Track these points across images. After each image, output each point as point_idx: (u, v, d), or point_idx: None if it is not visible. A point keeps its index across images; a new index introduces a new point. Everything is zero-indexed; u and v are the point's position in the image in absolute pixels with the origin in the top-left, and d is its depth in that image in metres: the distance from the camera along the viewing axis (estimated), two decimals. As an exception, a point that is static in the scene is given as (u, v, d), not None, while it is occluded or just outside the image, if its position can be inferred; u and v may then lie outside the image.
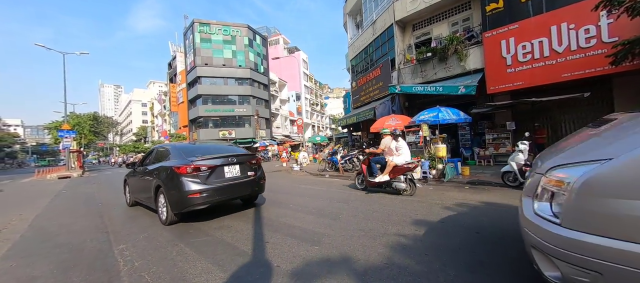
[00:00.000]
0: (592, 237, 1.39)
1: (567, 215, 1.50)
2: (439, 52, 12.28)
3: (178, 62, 43.47)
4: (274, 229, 3.84)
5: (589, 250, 1.39)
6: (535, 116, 11.11)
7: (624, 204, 1.34)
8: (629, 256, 1.29)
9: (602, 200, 1.40)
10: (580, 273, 1.44)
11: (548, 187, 1.66)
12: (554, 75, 9.40)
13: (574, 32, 9.01)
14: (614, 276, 1.33)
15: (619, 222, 1.35)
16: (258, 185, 5.20)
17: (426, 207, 4.57)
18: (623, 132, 1.69)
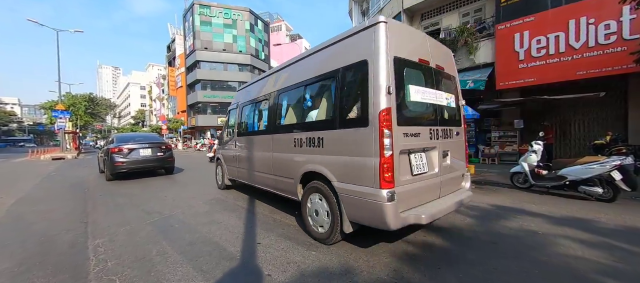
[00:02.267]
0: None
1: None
2: (448, 43, 11.72)
3: (177, 45, 42.43)
4: (267, 228, 3.50)
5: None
6: (545, 115, 10.70)
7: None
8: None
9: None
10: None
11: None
12: (569, 73, 8.94)
13: (593, 27, 8.50)
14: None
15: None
16: (165, 161, 8.72)
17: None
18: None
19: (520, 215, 3.87)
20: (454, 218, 3.73)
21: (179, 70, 41.29)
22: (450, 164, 3.20)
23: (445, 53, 3.51)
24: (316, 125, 3.24)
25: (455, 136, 3.40)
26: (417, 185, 2.72)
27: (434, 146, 2.99)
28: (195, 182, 7.38)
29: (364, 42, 2.69)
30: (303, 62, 3.71)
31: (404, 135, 2.62)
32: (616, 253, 2.53)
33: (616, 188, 4.50)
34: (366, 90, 2.58)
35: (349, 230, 2.81)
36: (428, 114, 3.00)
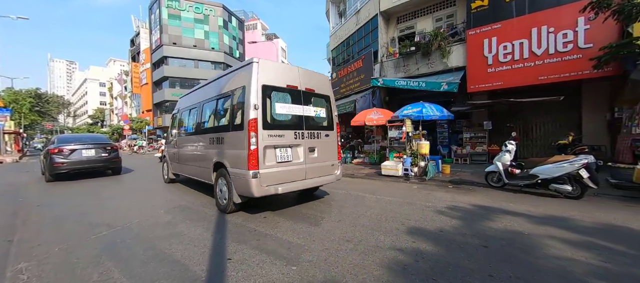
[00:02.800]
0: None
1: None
2: (423, 47, 12.02)
3: (142, 39, 39.43)
4: (240, 239, 3.07)
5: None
6: (510, 117, 11.37)
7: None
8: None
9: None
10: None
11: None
12: (532, 78, 9.52)
13: (552, 36, 9.12)
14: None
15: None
16: (111, 162, 8.75)
17: (418, 211, 4.08)
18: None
19: (501, 215, 3.85)
20: (440, 222, 3.59)
21: (144, 66, 38.35)
22: (317, 157, 4.49)
23: (319, 79, 4.90)
24: (221, 129, 4.49)
25: (324, 137, 4.69)
26: (281, 169, 3.98)
27: (300, 144, 4.27)
28: (156, 186, 6.61)
29: (245, 74, 4.03)
30: (216, 82, 5.02)
31: (269, 136, 3.87)
32: (602, 253, 2.51)
33: (583, 185, 4.72)
34: (244, 106, 3.86)
35: (238, 201, 3.98)
36: (294, 121, 4.26)
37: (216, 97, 4.75)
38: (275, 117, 4.03)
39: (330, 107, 4.94)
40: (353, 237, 3.05)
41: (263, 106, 3.82)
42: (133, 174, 9.62)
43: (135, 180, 8.19)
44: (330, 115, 4.93)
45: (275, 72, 4.15)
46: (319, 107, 4.69)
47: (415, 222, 3.55)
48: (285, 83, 4.21)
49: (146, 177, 8.65)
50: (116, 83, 59.14)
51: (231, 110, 4.20)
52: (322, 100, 4.81)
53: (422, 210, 4.11)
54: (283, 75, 4.24)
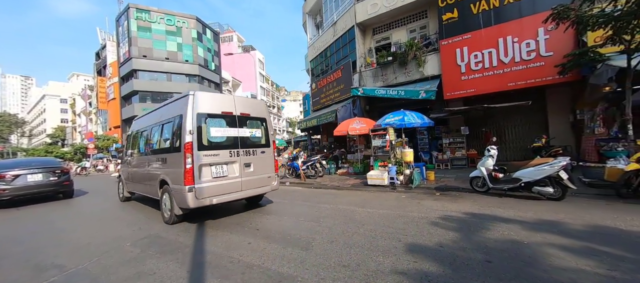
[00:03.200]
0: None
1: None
2: (399, 56, 12.34)
3: (109, 52, 37.18)
4: (221, 274, 2.67)
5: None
6: (484, 122, 11.89)
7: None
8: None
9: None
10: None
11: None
12: (501, 84, 10.03)
13: (517, 45, 9.73)
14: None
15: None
16: (61, 186, 8.28)
17: (412, 224, 3.91)
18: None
19: (495, 223, 3.79)
20: (438, 235, 3.43)
21: (111, 81, 36.01)
22: (253, 171, 5.13)
23: (254, 104, 5.72)
24: (164, 150, 5.12)
25: (260, 154, 5.35)
26: (216, 183, 4.56)
27: (235, 161, 4.89)
28: (119, 212, 5.91)
29: (182, 104, 4.67)
30: (162, 109, 5.64)
31: (205, 155, 4.48)
32: (605, 260, 2.47)
33: (564, 187, 4.86)
34: (181, 131, 4.49)
35: (179, 212, 4.57)
36: (229, 142, 4.88)
37: (161, 122, 5.40)
38: (211, 139, 4.68)
39: (266, 128, 5.66)
40: (349, 260, 2.78)
41: (198, 131, 4.49)
42: (88, 197, 9.01)
43: (92, 203, 7.34)
44: (267, 135, 5.64)
45: (211, 101, 4.88)
46: (254, 128, 5.45)
47: (413, 237, 3.36)
48: (220, 110, 4.92)
49: (106, 200, 8.04)
50: (80, 99, 54.91)
51: (172, 135, 4.88)
52: (258, 122, 5.58)
53: (417, 223, 3.94)
54: (219, 103, 4.97)
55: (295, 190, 8.24)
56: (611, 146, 7.10)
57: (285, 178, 10.91)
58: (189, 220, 4.83)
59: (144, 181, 5.89)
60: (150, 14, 31.70)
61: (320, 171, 10.75)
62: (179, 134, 4.55)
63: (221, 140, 4.79)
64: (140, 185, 6.19)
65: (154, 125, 5.70)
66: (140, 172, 6.15)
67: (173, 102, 5.14)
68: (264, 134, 5.57)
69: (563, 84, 9.44)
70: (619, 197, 4.88)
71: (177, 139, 4.60)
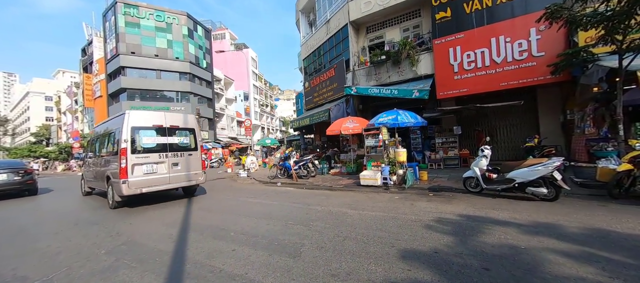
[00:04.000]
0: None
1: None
2: (393, 55, 12.25)
3: (95, 48, 36.00)
4: (200, 286, 2.45)
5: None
6: (477, 122, 11.91)
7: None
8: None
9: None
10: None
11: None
12: (494, 84, 10.03)
13: (510, 45, 9.74)
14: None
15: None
16: (25, 184, 9.47)
17: (406, 228, 3.76)
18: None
19: (490, 225, 3.67)
20: (432, 240, 3.28)
21: (97, 78, 34.88)
22: (181, 169, 6.73)
23: (183, 118, 7.27)
24: (110, 154, 6.68)
25: (188, 156, 6.95)
26: (146, 178, 6.14)
27: (164, 161, 6.47)
28: (98, 212, 5.59)
29: (121, 119, 6.20)
30: (109, 122, 7.58)
31: (137, 157, 6.04)
32: (606, 267, 2.36)
33: (557, 187, 4.80)
34: (119, 140, 6.01)
35: (118, 199, 6.07)
36: (159, 147, 6.43)
37: (108, 132, 7.10)
38: (143, 146, 6.26)
39: (195, 136, 7.33)
40: (340, 269, 2.60)
41: (132, 139, 6.08)
42: (53, 195, 10.16)
43: (58, 202, 7.00)
44: (195, 141, 7.32)
45: (143, 117, 6.49)
46: (183, 137, 7.05)
47: (406, 242, 3.21)
48: (152, 123, 6.49)
49: (72, 196, 9.18)
50: (65, 96, 53.18)
51: (114, 142, 6.48)
52: (187, 131, 7.20)
53: (410, 226, 3.80)
54: (151, 118, 6.57)
55: (286, 190, 8.02)
56: (601, 146, 7.13)
57: (276, 179, 10.68)
58: (168, 227, 4.56)
59: (98, 177, 7.42)
60: (139, 9, 30.82)
61: (313, 171, 10.57)
62: (118, 141, 6.14)
63: (152, 146, 6.40)
64: (95, 181, 7.82)
65: (103, 134, 7.49)
66: (95, 171, 7.79)
67: (116, 118, 6.90)
68: (193, 141, 7.26)
69: (554, 84, 9.51)
70: (610, 197, 4.85)
71: (116, 145, 6.22)
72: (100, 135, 7.77)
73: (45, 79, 78.07)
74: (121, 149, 5.86)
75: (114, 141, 6.40)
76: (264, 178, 11.01)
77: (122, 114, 6.40)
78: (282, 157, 11.49)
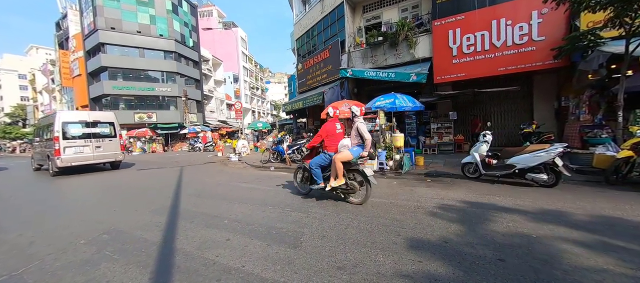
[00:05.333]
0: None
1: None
2: (390, 37, 11.82)
3: (71, 22, 33.48)
4: (192, 282, 2.21)
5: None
6: (472, 107, 11.84)
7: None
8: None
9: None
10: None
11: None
12: (492, 69, 9.86)
13: (510, 28, 9.50)
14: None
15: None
16: None
17: (409, 215, 3.61)
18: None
19: (496, 212, 3.56)
20: (439, 229, 3.13)
21: (75, 54, 32.68)
22: (102, 149, 9.71)
23: (104, 114, 10.36)
24: (48, 139, 9.57)
25: (108, 141, 9.88)
26: (75, 155, 9.12)
27: (88, 145, 9.43)
28: (81, 199, 5.22)
29: (54, 116, 9.26)
30: (50, 116, 10.13)
31: (67, 142, 8.99)
32: (625, 258, 2.27)
33: (557, 174, 4.75)
34: (53, 130, 9.01)
35: (56, 170, 8.98)
36: (84, 134, 9.39)
37: (48, 123, 9.88)
38: (71, 134, 9.15)
39: (113, 127, 10.24)
40: (345, 260, 2.40)
41: (63, 130, 8.93)
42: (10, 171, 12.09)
43: (22, 176, 6.53)
44: (114, 130, 10.20)
45: (71, 115, 9.68)
46: (103, 128, 9.90)
47: (412, 230, 3.05)
48: (78, 119, 9.50)
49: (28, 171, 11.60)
50: (40, 74, 49.94)
51: (50, 131, 9.34)
52: (107, 124, 10.08)
53: (413, 213, 3.65)
54: (77, 116, 9.73)
55: (280, 175, 7.78)
56: (596, 133, 7.19)
57: (269, 163, 10.40)
58: (156, 213, 4.26)
59: (43, 156, 10.16)
60: (118, -20, 28.50)
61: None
62: (52, 131, 9.06)
63: (78, 134, 9.35)
64: (41, 159, 10.57)
65: (45, 125, 10.37)
66: (41, 151, 10.53)
67: (53, 114, 9.70)
68: (112, 130, 10.18)
69: (550, 70, 9.43)
70: (607, 183, 4.86)
71: (52, 133, 9.05)
72: (43, 126, 10.77)
73: (18, 56, 72.73)
74: (54, 137, 8.87)
75: (50, 130, 9.33)
76: (256, 163, 10.71)
77: (55, 113, 9.57)
78: (275, 141, 11.15)
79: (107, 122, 10.07)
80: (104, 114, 10.51)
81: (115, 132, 10.17)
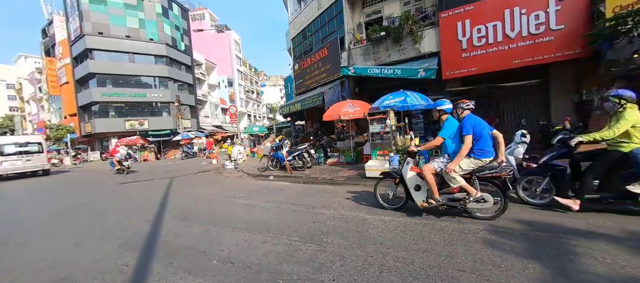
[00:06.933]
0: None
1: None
2: (393, 31, 11.05)
3: (57, 28, 32.26)
4: None
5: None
6: (484, 104, 11.07)
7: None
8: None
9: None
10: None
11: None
12: (506, 62, 9.12)
13: (525, 17, 8.78)
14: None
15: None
16: None
17: (457, 244, 2.74)
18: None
19: (572, 239, 2.71)
20: (513, 269, 2.29)
21: (62, 62, 31.46)
22: (31, 162, 13.57)
23: (33, 137, 15.58)
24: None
25: (36, 155, 13.89)
26: (11, 166, 13.12)
27: (20, 159, 13.45)
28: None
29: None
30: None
31: (3, 157, 13.07)
32: None
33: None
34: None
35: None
36: (17, 151, 13.57)
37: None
38: (6, 151, 13.10)
39: (41, 145, 14.17)
40: None
41: (1, 149, 12.97)
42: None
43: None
44: (41, 148, 14.04)
45: (7, 139, 14.40)
46: (32, 147, 13.82)
47: (477, 273, 2.19)
48: (13, 141, 13.90)
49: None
50: (27, 83, 48.38)
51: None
52: (36, 143, 14.05)
53: (462, 241, 2.80)
54: (12, 139, 14.73)
55: (281, 186, 6.89)
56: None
57: (268, 171, 9.50)
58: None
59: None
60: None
61: (309, 161, 9.46)
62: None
63: (12, 151, 13.19)
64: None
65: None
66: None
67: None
68: (40, 148, 14.06)
69: (569, 61, 8.72)
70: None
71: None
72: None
73: (6, 65, 70.68)
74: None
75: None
76: (254, 171, 9.81)
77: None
78: (274, 146, 10.27)
79: (36, 142, 14.26)
80: (33, 136, 16.14)
81: (42, 149, 14.20)
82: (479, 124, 3.31)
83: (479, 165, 3.30)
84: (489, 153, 3.29)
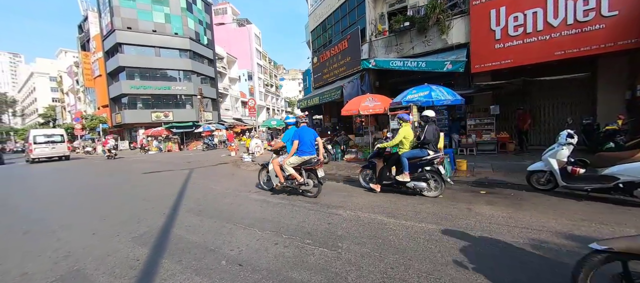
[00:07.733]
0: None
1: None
2: (418, 21, 10.38)
3: (91, 24, 34.23)
4: None
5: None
6: (517, 100, 10.18)
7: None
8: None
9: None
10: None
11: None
12: (546, 53, 8.24)
13: (572, 3, 7.83)
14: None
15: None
16: None
17: (494, 258, 2.40)
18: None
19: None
20: None
21: (95, 56, 33.44)
22: (56, 149, 17.77)
23: (56, 131, 19.35)
24: (29, 144, 18.49)
25: (59, 144, 18.07)
26: (42, 152, 17.32)
27: (48, 146, 17.62)
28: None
29: (30, 133, 19.27)
30: (30, 131, 19.50)
31: (37, 144, 17.31)
32: None
33: (690, 191, 3.34)
34: (28, 139, 19.02)
35: (30, 160, 17.88)
36: (47, 141, 17.78)
37: (29, 135, 18.48)
38: (39, 141, 17.30)
39: (63, 137, 18.24)
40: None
41: (34, 139, 17.23)
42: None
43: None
44: (63, 139, 18.17)
45: (39, 132, 18.36)
46: (57, 137, 17.99)
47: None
48: (42, 133, 18.19)
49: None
50: (66, 76, 52.18)
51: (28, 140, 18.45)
52: (59, 135, 18.20)
53: (503, 260, 2.43)
54: (43, 132, 18.54)
55: (296, 182, 6.70)
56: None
57: (284, 165, 9.39)
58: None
59: (26, 152, 18.19)
60: (133, -20, 28.57)
61: (326, 157, 9.22)
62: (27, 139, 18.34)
63: (43, 140, 17.37)
64: (26, 155, 18.45)
65: (27, 135, 18.92)
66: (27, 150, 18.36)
67: (28, 131, 19.78)
68: (62, 138, 18.08)
69: (622, 52, 7.70)
70: None
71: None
72: (27, 136, 18.55)
73: (49, 59, 76.98)
74: (28, 143, 17.39)
75: (28, 140, 17.54)
76: (270, 165, 9.74)
77: (30, 131, 18.31)
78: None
79: (59, 134, 18.28)
80: (57, 130, 20.38)
81: (64, 139, 18.10)
82: (305, 133, 4.96)
83: (304, 160, 4.93)
84: (307, 153, 4.93)
